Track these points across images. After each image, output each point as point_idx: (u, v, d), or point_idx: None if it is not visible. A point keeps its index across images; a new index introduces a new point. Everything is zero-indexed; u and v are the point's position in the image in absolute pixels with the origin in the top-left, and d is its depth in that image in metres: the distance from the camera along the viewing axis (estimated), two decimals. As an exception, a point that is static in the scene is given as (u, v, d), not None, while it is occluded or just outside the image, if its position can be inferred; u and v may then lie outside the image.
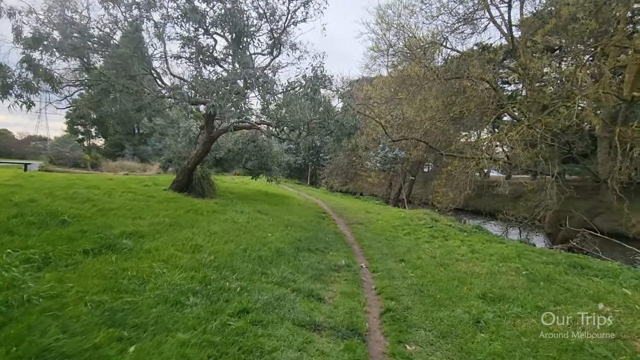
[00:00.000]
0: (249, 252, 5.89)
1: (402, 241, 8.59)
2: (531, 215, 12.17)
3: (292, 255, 6.27)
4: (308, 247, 7.08)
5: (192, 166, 12.79)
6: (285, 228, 8.83)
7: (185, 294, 3.83)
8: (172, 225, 6.93)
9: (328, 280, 5.23)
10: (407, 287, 5.04)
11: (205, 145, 12.63)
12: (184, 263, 4.76)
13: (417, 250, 7.48)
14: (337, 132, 13.42)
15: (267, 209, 11.74)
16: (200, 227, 7.17)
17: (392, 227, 10.79)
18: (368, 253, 7.41)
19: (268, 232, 8.02)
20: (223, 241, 6.37)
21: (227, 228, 7.53)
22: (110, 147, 29.87)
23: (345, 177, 29.34)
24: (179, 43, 8.84)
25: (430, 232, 9.79)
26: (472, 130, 15.12)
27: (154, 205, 8.88)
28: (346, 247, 7.82)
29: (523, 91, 19.29)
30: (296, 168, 34.71)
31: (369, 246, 8.13)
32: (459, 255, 7.07)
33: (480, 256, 6.87)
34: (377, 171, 19.47)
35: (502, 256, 6.78)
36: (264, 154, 16.27)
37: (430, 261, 6.53)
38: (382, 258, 6.94)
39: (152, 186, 13.40)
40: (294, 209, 13.29)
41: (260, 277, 4.80)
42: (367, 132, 20.03)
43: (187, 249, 5.48)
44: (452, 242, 8.29)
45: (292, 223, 9.73)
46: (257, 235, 7.36)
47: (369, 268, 6.30)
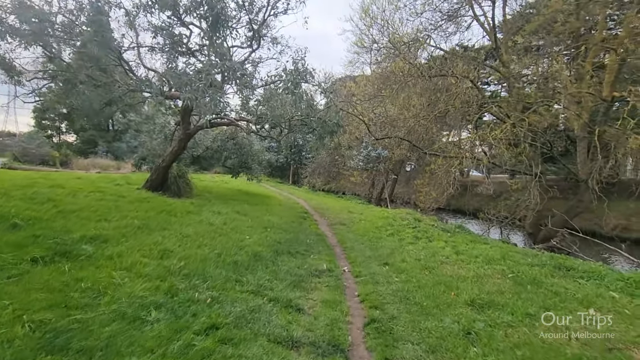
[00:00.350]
0: (223, 257, 5.48)
1: (386, 242, 8.35)
2: (512, 215, 12.25)
3: (270, 259, 5.89)
4: (288, 250, 6.71)
5: (167, 164, 12.17)
6: (265, 230, 8.43)
7: (147, 308, 3.40)
8: (140, 227, 6.43)
9: (308, 287, 4.89)
10: (392, 293, 4.76)
11: (181, 142, 12.03)
12: (149, 271, 4.31)
13: (401, 253, 7.25)
14: (319, 130, 13.09)
15: (247, 209, 11.29)
16: (172, 230, 6.69)
17: (375, 228, 10.56)
18: (351, 256, 7.12)
19: (246, 234, 7.61)
20: (196, 245, 5.93)
21: (201, 230, 7.07)
22: (83, 144, 28.40)
23: (327, 176, 29.07)
24: (152, 33, 8.31)
25: (413, 232, 9.61)
26: (454, 130, 15.13)
27: (124, 206, 8.30)
28: (328, 250, 7.50)
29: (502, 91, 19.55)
30: (278, 167, 34.15)
31: (352, 248, 7.84)
32: (443, 257, 6.87)
33: (465, 258, 6.70)
34: (360, 170, 19.28)
35: (487, 258, 6.63)
36: (244, 152, 15.75)
37: (415, 264, 6.29)
38: (365, 261, 6.66)
39: (124, 185, 12.69)
40: (274, 209, 12.88)
41: (235, 286, 4.41)
42: (350, 131, 19.77)
43: (154, 255, 5.02)
44: (436, 243, 8.12)
45: (272, 224, 9.33)
46: (234, 238, 6.94)
47: (351, 272, 6.00)
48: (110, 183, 12.75)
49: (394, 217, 12.44)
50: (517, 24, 11.45)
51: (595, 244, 12.50)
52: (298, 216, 12.35)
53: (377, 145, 16.96)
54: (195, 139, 15.78)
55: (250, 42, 8.81)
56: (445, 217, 19.62)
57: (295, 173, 34.60)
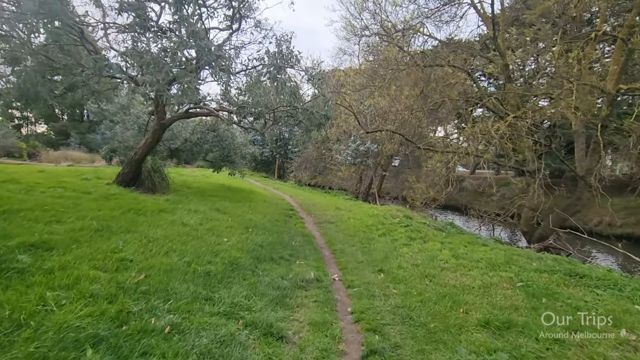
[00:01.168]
0: (194, 266, 4.68)
1: (378, 244, 7.69)
2: (504, 212, 11.82)
3: (250, 268, 5.12)
4: (270, 256, 5.95)
5: (141, 157, 11.18)
6: (246, 231, 7.64)
7: (81, 345, 2.60)
8: (99, 230, 5.55)
9: (293, 304, 4.15)
10: (392, 310, 4.08)
11: (155, 134, 11.05)
12: (97, 289, 3.48)
13: (396, 257, 6.59)
14: (306, 123, 12.30)
15: (227, 206, 10.44)
16: (137, 233, 5.83)
17: (366, 227, 9.90)
18: (341, 260, 6.41)
19: (224, 236, 6.80)
20: (163, 251, 5.10)
21: (172, 233, 6.23)
22: (54, 135, 26.68)
23: (314, 171, 28.29)
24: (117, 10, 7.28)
25: (406, 232, 9.00)
26: (446, 124, 14.61)
27: (85, 204, 7.38)
28: (316, 253, 6.78)
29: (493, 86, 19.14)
30: (263, 161, 33.19)
31: (342, 251, 7.14)
32: (442, 261, 6.26)
33: (466, 263, 6.09)
34: (348, 165, 18.61)
35: (490, 263, 6.05)
36: (225, 144, 14.79)
37: (413, 271, 5.65)
38: (357, 267, 5.97)
39: (93, 180, 11.66)
40: (258, 206, 12.06)
41: (204, 306, 3.63)
42: (338, 124, 19.04)
43: (109, 266, 4.18)
44: (432, 245, 7.51)
45: (255, 224, 8.54)
46: (210, 242, 6.14)
47: (343, 281, 5.30)
48: (76, 177, 11.69)
49: (384, 215, 11.83)
50: (516, 13, 10.89)
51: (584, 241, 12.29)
52: (283, 214, 11.58)
53: (366, 139, 16.31)
54: (174, 130, 14.74)
55: (230, 22, 7.90)
56: (432, 212, 19.15)
57: (281, 167, 33.69)
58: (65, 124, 25.68)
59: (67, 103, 12.96)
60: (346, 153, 17.27)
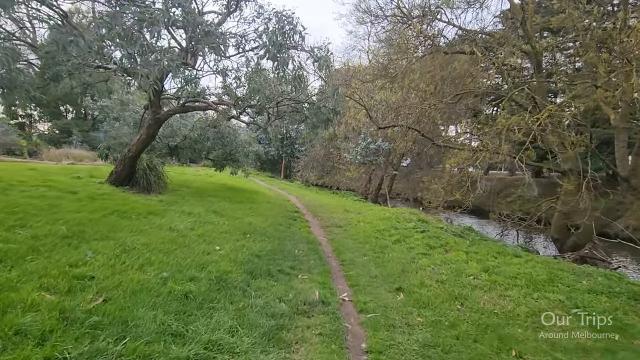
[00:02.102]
0: (171, 284, 3.79)
1: (393, 253, 6.71)
2: (531, 216, 10.72)
3: (240, 286, 4.20)
4: (268, 269, 5.03)
5: (135, 154, 10.40)
6: (243, 236, 6.75)
7: None
8: (68, 237, 4.72)
9: (292, 339, 3.22)
10: (419, 350, 3.12)
11: (150, 129, 10.25)
12: (27, 324, 2.60)
13: (416, 270, 5.62)
14: (312, 119, 11.38)
15: (226, 208, 9.58)
16: (114, 240, 4.99)
17: (377, 232, 8.94)
18: (351, 274, 5.46)
19: (216, 243, 5.92)
20: (138, 264, 4.23)
21: (156, 239, 5.37)
22: (57, 133, 26.22)
23: (321, 170, 27.34)
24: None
25: (424, 239, 8.01)
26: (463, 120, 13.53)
27: (65, 205, 6.59)
28: (321, 265, 5.83)
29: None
30: (269, 160, 32.36)
31: (352, 262, 6.19)
32: (471, 277, 5.27)
33: (501, 280, 5.09)
34: (357, 164, 17.63)
35: (530, 280, 5.04)
36: (227, 142, 13.96)
37: (439, 290, 4.67)
38: (371, 284, 5.01)
39: (85, 178, 10.94)
40: (260, 207, 11.17)
41: (170, 346, 2.72)
42: (346, 121, 18.06)
43: (61, 286, 3.32)
44: (455, 256, 6.51)
45: (254, 228, 7.65)
46: (198, 251, 5.26)
47: (354, 303, 4.35)
48: (68, 176, 10.98)
49: (397, 218, 10.83)
50: None
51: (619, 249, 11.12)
52: (287, 216, 10.67)
53: (377, 137, 15.31)
54: (173, 126, 13.99)
55: (227, 1, 7.02)
56: (447, 216, 18.02)
57: (287, 167, 32.82)
58: (68, 122, 25.16)
59: (55, 95, 12.28)
60: (355, 151, 16.30)
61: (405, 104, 10.10)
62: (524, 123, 5.79)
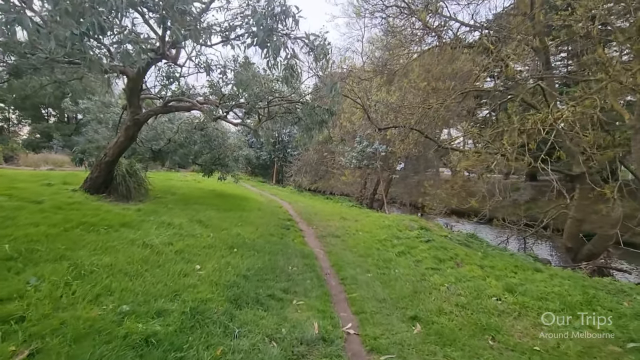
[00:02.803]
0: (129, 323, 2.96)
1: (400, 269, 5.94)
2: (539, 223, 10.10)
3: (221, 320, 3.38)
4: (256, 294, 4.21)
5: (112, 159, 9.51)
6: (229, 251, 5.92)
7: None
8: (10, 259, 3.93)
9: (285, 403, 2.42)
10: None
11: (129, 131, 9.38)
12: None
13: (429, 290, 4.86)
14: (306, 120, 10.64)
15: (212, 217, 8.74)
16: (71, 260, 4.14)
17: (379, 242, 8.18)
18: (354, 297, 4.66)
19: (197, 261, 5.09)
20: (92, 294, 3.40)
21: (124, 258, 4.52)
22: (37, 137, 24.99)
23: (314, 175, 26.54)
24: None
25: (430, 250, 7.27)
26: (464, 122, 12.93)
27: (23, 217, 5.71)
28: (319, 285, 5.02)
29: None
30: (260, 164, 31.48)
31: (354, 280, 5.39)
32: (494, 299, 4.53)
33: (528, 302, 4.35)
34: (353, 168, 16.90)
35: (563, 301, 4.31)
36: (215, 145, 13.11)
37: (462, 318, 3.91)
38: (379, 310, 4.23)
39: (57, 185, 9.99)
40: (250, 215, 10.34)
41: None
42: (341, 124, 17.33)
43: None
44: (469, 271, 5.77)
45: (242, 241, 6.83)
46: (174, 272, 4.42)
47: (361, 338, 3.55)
48: (37, 183, 9.99)
49: (398, 226, 10.11)
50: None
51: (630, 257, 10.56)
52: (279, 225, 9.85)
53: (374, 139, 14.62)
54: (157, 129, 13.09)
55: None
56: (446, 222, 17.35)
57: (279, 171, 31.95)
58: (49, 126, 23.95)
59: (19, 93, 11.28)
60: (351, 155, 15.57)
61: (405, 104, 9.42)
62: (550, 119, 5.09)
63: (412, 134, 9.58)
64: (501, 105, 9.19)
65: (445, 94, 9.06)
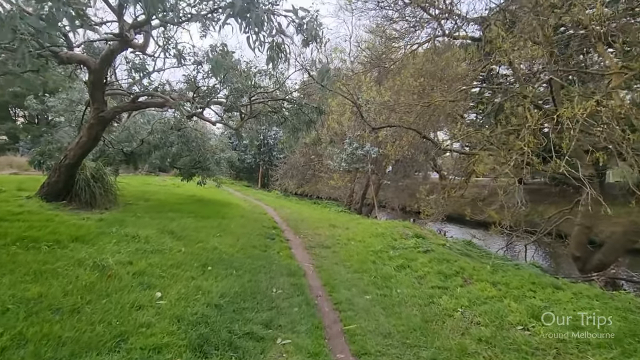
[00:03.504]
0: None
1: (403, 288, 5.12)
2: (541, 230, 9.52)
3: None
4: (229, 333, 3.29)
5: (73, 161, 8.46)
6: (201, 271, 4.98)
7: None
8: None
9: None
10: None
11: (92, 130, 8.36)
12: None
13: (441, 318, 4.05)
14: (293, 120, 9.83)
15: (188, 227, 7.77)
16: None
17: (374, 254, 7.36)
18: (353, 331, 3.79)
19: (159, 286, 4.14)
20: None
21: (61, 287, 3.56)
22: (4, 139, 23.22)
23: (301, 179, 25.66)
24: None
25: (431, 262, 6.51)
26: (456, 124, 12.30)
27: (-56, 232, 4.63)
28: (309, 314, 4.14)
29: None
30: (245, 168, 30.40)
31: (350, 304, 4.53)
32: (520, 328, 3.76)
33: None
34: (342, 172, 16.12)
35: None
36: (193, 147, 12.09)
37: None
38: (385, 350, 3.37)
39: (10, 192, 8.88)
40: (231, 223, 9.37)
41: None
42: (329, 125, 16.54)
43: None
44: (481, 290, 5.00)
45: (219, 256, 5.89)
46: (124, 303, 3.48)
47: (367, 396, 2.70)
48: (-14, 189, 8.84)
49: (392, 234, 9.34)
50: None
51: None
52: (263, 234, 8.93)
53: (364, 141, 13.89)
54: (130, 129, 11.98)
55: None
56: (438, 227, 16.67)
57: (265, 175, 30.92)
58: (14, 126, 22.26)
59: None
60: (340, 158, 14.80)
61: (400, 102, 8.70)
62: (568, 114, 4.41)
63: (407, 135, 8.86)
64: (501, 105, 8.60)
65: (445, 91, 8.41)
